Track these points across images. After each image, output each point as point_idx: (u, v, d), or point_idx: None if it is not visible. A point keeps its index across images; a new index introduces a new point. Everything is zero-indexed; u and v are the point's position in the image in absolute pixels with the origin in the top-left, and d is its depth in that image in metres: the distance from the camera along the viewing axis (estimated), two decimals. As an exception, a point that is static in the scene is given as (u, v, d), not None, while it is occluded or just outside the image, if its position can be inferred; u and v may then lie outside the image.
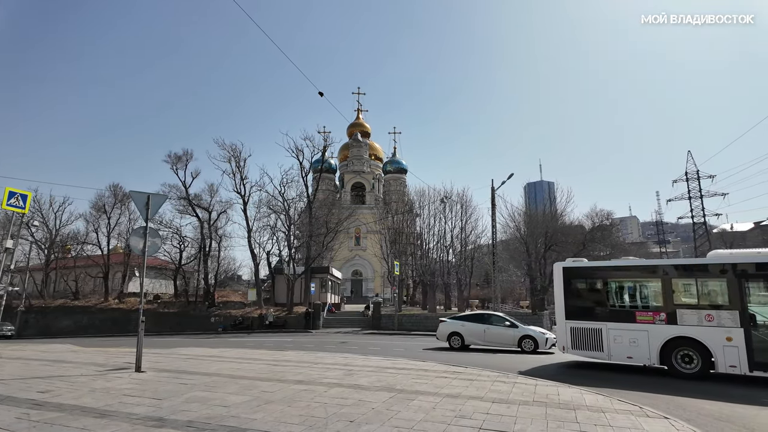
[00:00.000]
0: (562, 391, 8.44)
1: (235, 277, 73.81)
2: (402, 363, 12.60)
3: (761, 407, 7.91)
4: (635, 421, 6.24)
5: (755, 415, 7.37)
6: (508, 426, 5.85)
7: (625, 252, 52.82)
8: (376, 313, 33.72)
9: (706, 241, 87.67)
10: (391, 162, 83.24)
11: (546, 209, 44.04)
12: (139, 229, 11.29)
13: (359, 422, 5.94)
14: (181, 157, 42.54)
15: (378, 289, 65.78)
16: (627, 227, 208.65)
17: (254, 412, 6.45)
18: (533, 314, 29.79)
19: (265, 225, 42.58)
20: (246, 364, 12.33)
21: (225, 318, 36.69)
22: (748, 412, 7.59)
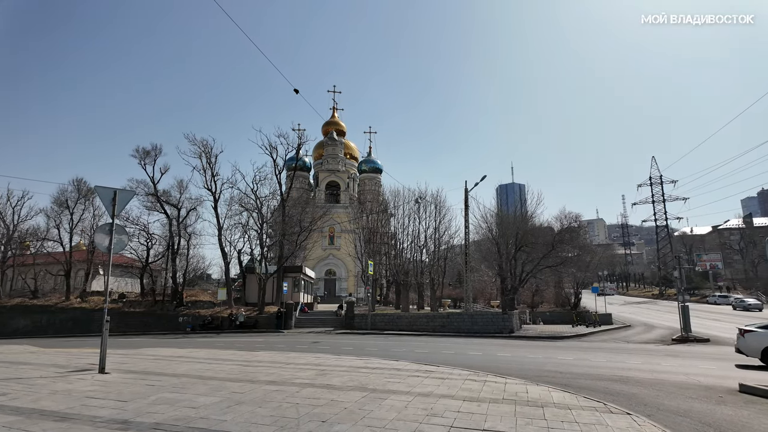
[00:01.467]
0: (530, 389, 8.64)
1: (205, 276, 72.25)
2: (375, 362, 12.63)
3: (717, 404, 8.31)
4: (599, 417, 6.46)
5: (712, 411, 7.74)
6: (478, 424, 5.96)
7: (591, 254, 54.43)
8: (349, 313, 33.62)
9: (668, 243, 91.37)
10: (367, 161, 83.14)
11: (517, 211, 44.95)
12: (105, 225, 10.92)
13: (331, 422, 5.93)
14: (150, 152, 41.34)
15: (351, 288, 65.60)
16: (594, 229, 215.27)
17: (224, 413, 6.35)
18: (503, 313, 30.32)
19: (237, 223, 41.86)
20: (216, 364, 12.10)
21: (194, 318, 35.84)
22: (704, 408, 7.96)
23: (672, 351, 18.84)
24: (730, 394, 9.23)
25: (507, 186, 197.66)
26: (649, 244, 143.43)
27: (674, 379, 11.04)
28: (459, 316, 30.93)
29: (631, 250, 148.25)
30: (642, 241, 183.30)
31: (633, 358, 15.75)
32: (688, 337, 23.32)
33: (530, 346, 20.68)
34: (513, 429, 5.73)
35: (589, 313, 38.34)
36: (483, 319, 30.06)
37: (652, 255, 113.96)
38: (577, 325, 34.92)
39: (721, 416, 7.37)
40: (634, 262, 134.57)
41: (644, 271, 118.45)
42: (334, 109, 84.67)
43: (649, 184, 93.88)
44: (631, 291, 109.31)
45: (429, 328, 30.08)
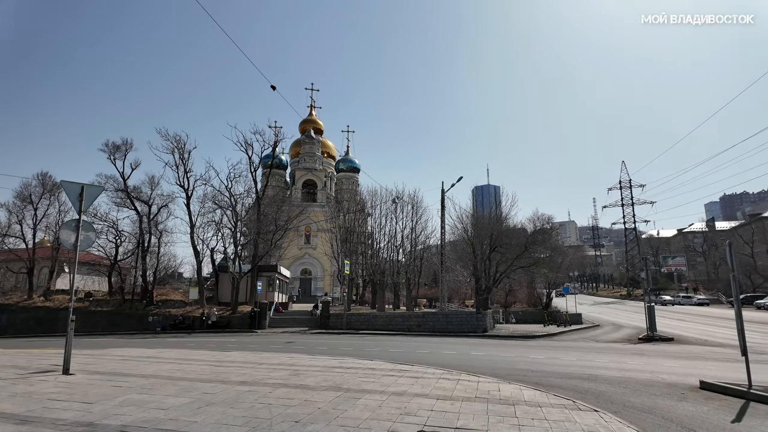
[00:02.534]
0: (502, 387, 8.79)
1: (176, 274, 70.68)
2: (350, 362, 12.60)
3: (679, 401, 8.63)
4: (569, 415, 6.62)
5: (674, 407, 8.03)
6: (451, 422, 6.02)
7: (563, 255, 55.75)
8: (324, 313, 33.43)
9: (636, 245, 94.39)
10: (344, 160, 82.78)
11: (492, 212, 45.61)
12: (71, 221, 10.54)
13: (305, 422, 5.89)
14: (120, 147, 40.15)
15: (327, 288, 65.24)
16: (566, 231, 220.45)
17: (195, 414, 6.22)
18: (477, 313, 30.72)
19: (210, 221, 41.07)
20: (186, 365, 11.85)
21: (164, 317, 34.96)
22: (667, 404, 8.25)
23: (638, 350, 19.45)
24: (692, 390, 9.59)
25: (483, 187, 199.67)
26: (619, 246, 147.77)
27: (640, 377, 11.40)
28: (434, 316, 31.17)
29: (601, 252, 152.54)
30: (611, 243, 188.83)
31: (601, 357, 16.19)
32: (654, 337, 24.10)
33: (503, 345, 21.01)
34: (485, 427, 5.81)
35: (560, 313, 39.23)
36: (457, 318, 30.39)
37: (621, 257, 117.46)
38: (548, 324, 35.68)
39: (683, 412, 7.66)
40: (604, 264, 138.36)
41: (613, 272, 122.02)
42: (312, 107, 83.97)
43: (619, 188, 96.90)
44: (600, 291, 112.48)
45: (404, 327, 30.21)
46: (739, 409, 7.90)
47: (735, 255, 10.16)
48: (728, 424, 6.95)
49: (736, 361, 13.69)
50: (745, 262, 67.50)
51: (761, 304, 51.51)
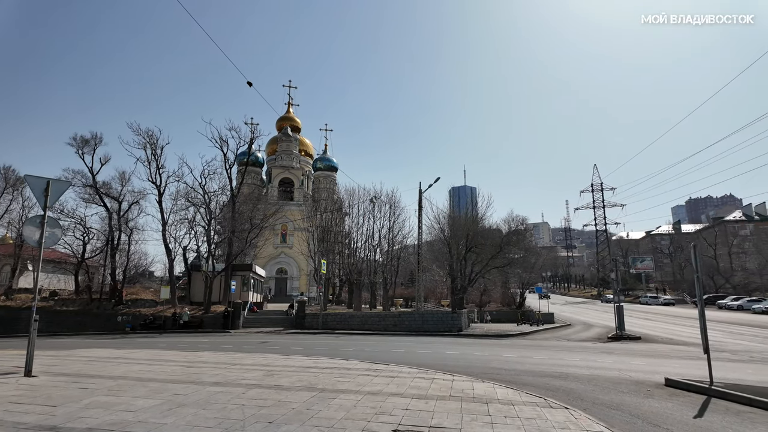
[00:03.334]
0: (476, 386, 8.89)
1: (147, 273, 68.82)
2: (325, 362, 12.53)
3: (645, 397, 8.92)
4: (540, 412, 6.75)
5: (640, 404, 8.30)
6: (425, 421, 6.06)
7: (536, 255, 56.83)
8: (300, 312, 33.14)
9: (606, 247, 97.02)
10: (322, 159, 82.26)
11: (468, 213, 46.06)
12: (36, 217, 10.14)
13: (278, 423, 5.83)
14: (89, 141, 38.82)
15: (303, 287, 64.73)
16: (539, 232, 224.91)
17: (165, 416, 6.08)
18: (453, 313, 31.01)
19: (183, 218, 40.16)
20: (157, 365, 11.56)
21: (134, 317, 33.99)
22: (635, 401, 8.52)
23: (607, 348, 20.00)
24: (657, 387, 9.92)
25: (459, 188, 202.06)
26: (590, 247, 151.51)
27: (609, 375, 11.73)
28: (410, 315, 31.31)
29: (573, 253, 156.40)
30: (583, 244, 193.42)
31: (572, 356, 16.58)
32: (622, 335, 24.81)
33: (477, 344, 21.27)
34: (458, 425, 5.87)
35: (533, 313, 39.95)
36: (433, 318, 30.61)
37: (592, 258, 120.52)
38: (521, 323, 36.29)
39: (648, 408, 7.92)
40: (576, 264, 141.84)
41: (584, 272, 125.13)
42: (290, 104, 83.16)
43: (591, 191, 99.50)
44: (572, 291, 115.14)
45: (381, 327, 30.24)
46: (701, 404, 8.22)
47: (699, 257, 10.56)
48: (690, 419, 7.21)
49: (699, 359, 14.22)
50: (708, 264, 70.27)
51: (723, 304, 53.73)
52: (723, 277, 70.64)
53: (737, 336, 24.97)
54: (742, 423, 7.00)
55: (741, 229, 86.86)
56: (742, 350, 18.45)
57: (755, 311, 46.45)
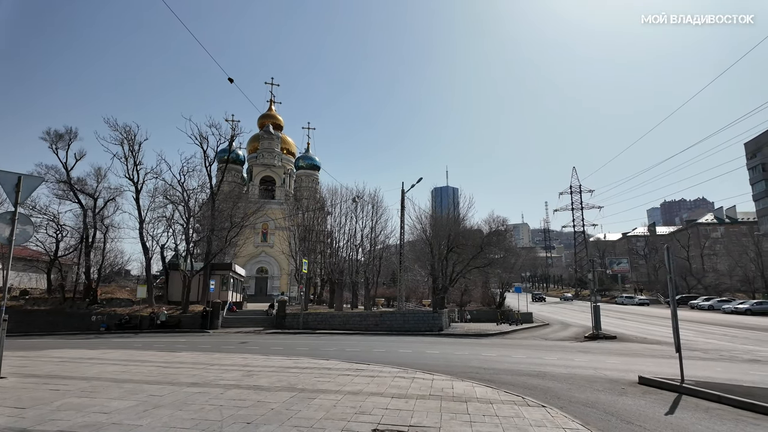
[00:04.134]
0: (456, 385, 8.97)
1: (123, 272, 67.25)
2: (305, 362, 12.46)
3: (619, 395, 9.14)
4: (518, 410, 6.86)
5: (615, 402, 8.50)
6: (405, 420, 6.08)
7: (516, 256, 57.59)
8: (280, 312, 32.85)
9: (584, 248, 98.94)
10: (304, 158, 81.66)
11: (450, 213, 46.39)
12: (6, 214, 9.81)
13: (257, 423, 5.78)
14: (63, 136, 37.73)
15: (284, 287, 64.23)
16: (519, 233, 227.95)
17: (140, 417, 5.96)
18: (434, 312, 31.20)
19: (161, 216, 39.34)
20: (132, 366, 11.33)
21: (109, 317, 33.16)
22: (609, 399, 8.72)
23: (584, 347, 20.40)
24: (631, 386, 10.18)
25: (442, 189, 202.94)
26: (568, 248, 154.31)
27: (585, 374, 11.97)
28: (391, 315, 31.37)
29: (552, 254, 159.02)
30: (562, 245, 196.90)
31: (550, 355, 16.86)
32: (599, 335, 25.33)
33: (458, 344, 21.44)
34: (438, 424, 5.92)
35: (512, 312, 40.48)
36: (414, 317, 30.74)
37: (570, 258, 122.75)
38: (501, 323, 36.73)
39: (622, 406, 8.12)
40: (554, 265, 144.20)
41: (563, 273, 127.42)
42: (272, 101, 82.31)
43: (569, 193, 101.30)
44: (550, 291, 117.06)
45: (362, 326, 30.22)
46: (673, 402, 8.46)
47: (672, 258, 10.87)
48: (662, 416, 7.42)
49: (671, 358, 14.62)
50: (681, 265, 72.29)
51: (695, 305, 55.35)
52: (695, 278, 72.76)
53: (708, 335, 25.76)
54: (711, 419, 7.23)
55: (712, 231, 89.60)
56: (712, 349, 19.04)
57: (725, 311, 47.98)
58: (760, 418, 7.28)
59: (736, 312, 46.33)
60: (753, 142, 69.89)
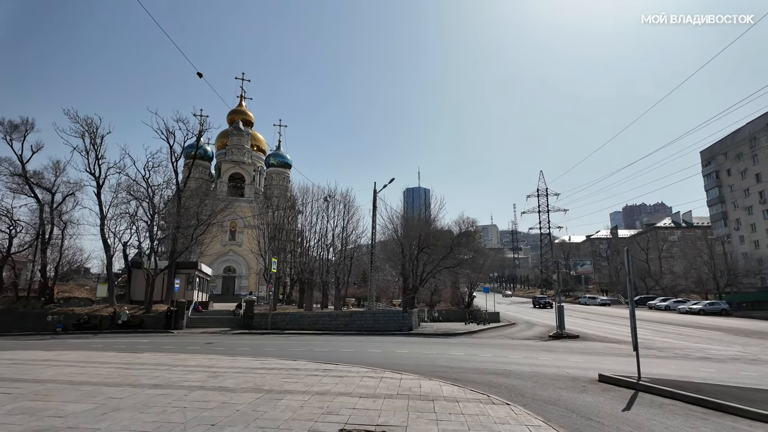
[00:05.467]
0: (423, 384, 9.07)
1: (82, 270, 64.52)
2: (272, 363, 12.31)
3: (580, 392, 9.45)
4: (483, 408, 7.00)
5: (576, 399, 8.79)
6: (372, 419, 6.11)
7: (485, 257, 58.57)
8: (248, 312, 32.29)
9: (550, 249, 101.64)
10: (275, 155, 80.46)
11: (421, 214, 46.80)
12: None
13: (222, 425, 5.68)
14: (19, 126, 35.96)
15: (252, 287, 63.12)
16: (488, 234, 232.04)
17: (98, 421, 5.76)
18: (404, 312, 31.37)
19: (124, 212, 38.01)
20: (91, 368, 10.91)
21: (66, 316, 31.75)
22: (571, 397, 9.01)
23: (548, 346, 20.95)
24: (592, 383, 10.54)
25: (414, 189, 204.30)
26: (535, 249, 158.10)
27: (548, 372, 12.31)
28: (361, 315, 31.35)
29: (519, 255, 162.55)
30: (528, 246, 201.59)
31: (515, 353, 17.25)
32: (563, 334, 26.05)
33: (426, 343, 21.64)
34: (405, 423, 5.97)
35: (480, 312, 41.14)
36: (384, 317, 30.82)
37: (537, 259, 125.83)
38: (469, 322, 37.26)
39: (583, 403, 8.40)
40: (521, 266, 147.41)
41: (529, 273, 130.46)
42: (242, 97, 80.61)
43: (536, 196, 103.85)
44: (517, 291, 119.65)
45: (331, 326, 30.07)
46: (630, 398, 8.82)
47: (631, 260, 11.33)
48: (619, 412, 7.73)
49: (630, 356, 15.20)
50: (640, 267, 75.29)
51: (653, 305, 57.76)
52: (653, 280, 75.89)
53: (664, 334, 26.91)
54: (664, 414, 7.59)
55: (670, 235, 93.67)
56: (667, 347, 19.91)
57: (680, 311, 50.29)
58: (709, 413, 7.69)
59: (691, 312, 48.62)
60: (708, 151, 73.49)
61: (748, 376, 11.98)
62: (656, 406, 8.21)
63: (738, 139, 66.70)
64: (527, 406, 7.76)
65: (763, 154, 61.55)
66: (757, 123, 62.65)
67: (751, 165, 64.15)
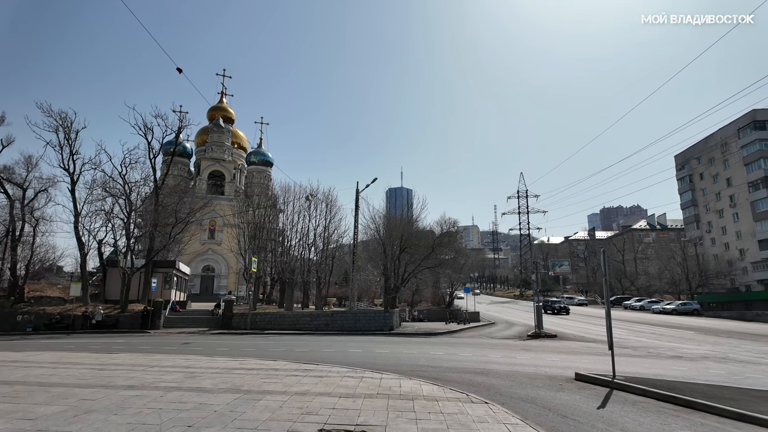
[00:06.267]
0: (403, 383, 9.09)
1: (54, 268, 62.68)
2: (251, 363, 12.18)
3: (557, 391, 9.61)
4: (462, 407, 7.06)
5: (553, 397, 8.94)
6: (352, 419, 6.10)
7: (465, 257, 59.07)
8: (227, 312, 31.84)
9: (529, 250, 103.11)
10: (256, 153, 79.53)
11: (404, 214, 46.89)
12: None
13: (198, 426, 5.59)
14: (-12, 120, 34.71)
15: (232, 286, 62.33)
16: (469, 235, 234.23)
17: (69, 423, 5.60)
18: (385, 312, 31.41)
19: (99, 210, 36.98)
20: (63, 369, 10.61)
21: (37, 316, 30.77)
22: (548, 395, 9.16)
23: (526, 345, 21.25)
24: (568, 382, 10.74)
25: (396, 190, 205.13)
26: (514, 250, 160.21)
27: (526, 371, 12.49)
28: (342, 315, 31.26)
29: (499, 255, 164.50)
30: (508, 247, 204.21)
31: (494, 353, 17.44)
32: (541, 333, 26.47)
33: (407, 343, 21.71)
34: (384, 422, 5.98)
35: (460, 311, 41.47)
36: (366, 317, 30.80)
37: (516, 260, 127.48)
38: (450, 322, 37.54)
39: (560, 401, 8.55)
40: (501, 266, 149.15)
41: (509, 274, 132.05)
42: (223, 93, 79.46)
43: (517, 197, 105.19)
44: (497, 291, 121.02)
45: (312, 326, 29.91)
46: (605, 396, 9.02)
47: (608, 262, 11.58)
48: (594, 410, 7.89)
49: (605, 355, 15.52)
50: (616, 268, 77.08)
51: (628, 305, 59.18)
52: (629, 280, 77.73)
53: (638, 333, 27.59)
54: (637, 412, 7.78)
55: (645, 237, 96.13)
56: (641, 346, 20.41)
57: (654, 311, 51.66)
58: (680, 410, 7.92)
59: (664, 312, 49.98)
60: (681, 155, 75.66)
61: (716, 374, 12.37)
62: (630, 403, 8.41)
63: (710, 144, 68.87)
64: (505, 404, 7.86)
65: (733, 159, 63.67)
66: (728, 129, 64.80)
67: (722, 169, 66.29)
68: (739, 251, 63.08)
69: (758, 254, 59.33)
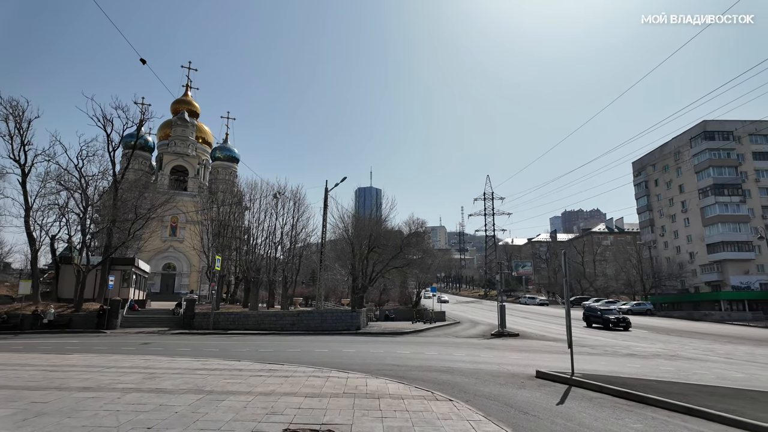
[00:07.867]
0: (370, 382, 9.12)
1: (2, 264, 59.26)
2: (214, 363, 11.91)
3: (519, 388, 9.88)
4: (427, 405, 7.16)
5: (515, 394, 9.18)
6: (317, 418, 6.08)
7: (433, 257, 59.77)
8: (189, 311, 30.94)
9: (494, 251, 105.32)
10: (222, 148, 77.60)
11: (373, 214, 46.96)
12: None
13: (159, 428, 5.43)
14: (-71, 106, 32.36)
15: (194, 285, 60.63)
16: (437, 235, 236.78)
17: (18, 427, 5.33)
18: (352, 311, 31.35)
19: (53, 203, 35.16)
20: (10, 371, 10.06)
21: (-18, 315, 29.00)
22: (510, 392, 9.40)
23: (490, 344, 21.71)
24: (529, 379, 11.05)
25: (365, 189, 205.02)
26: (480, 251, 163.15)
27: (490, 369, 12.77)
28: (309, 314, 30.99)
29: (465, 256, 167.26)
30: (474, 248, 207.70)
31: (459, 351, 17.74)
32: (504, 332, 27.09)
33: (374, 342, 21.76)
34: (350, 421, 5.99)
35: (427, 311, 41.91)
36: (333, 316, 30.65)
37: (481, 261, 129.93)
38: (416, 321, 37.87)
39: (521, 398, 8.80)
40: (467, 266, 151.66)
41: (474, 274, 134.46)
42: (188, 86, 77.13)
43: (483, 199, 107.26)
44: (462, 291, 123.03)
45: (278, 326, 29.50)
46: (563, 393, 9.34)
47: (568, 263, 12.00)
48: (554, 406, 8.17)
49: (565, 353, 16.07)
50: (576, 270, 79.80)
51: (587, 305, 61.33)
52: (588, 281, 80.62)
53: (596, 333, 28.68)
54: (594, 407, 8.11)
55: (603, 239, 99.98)
56: (599, 345, 21.24)
57: (611, 311, 53.75)
58: (633, 405, 8.30)
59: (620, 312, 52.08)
60: (638, 162, 79.16)
61: (667, 370, 13.04)
62: (587, 399, 8.75)
63: (665, 152, 72.36)
64: (469, 401, 8.02)
65: (685, 167, 67.15)
66: (682, 138, 68.28)
67: (675, 177, 69.77)
68: (690, 254, 66.55)
69: (706, 257, 62.79)
